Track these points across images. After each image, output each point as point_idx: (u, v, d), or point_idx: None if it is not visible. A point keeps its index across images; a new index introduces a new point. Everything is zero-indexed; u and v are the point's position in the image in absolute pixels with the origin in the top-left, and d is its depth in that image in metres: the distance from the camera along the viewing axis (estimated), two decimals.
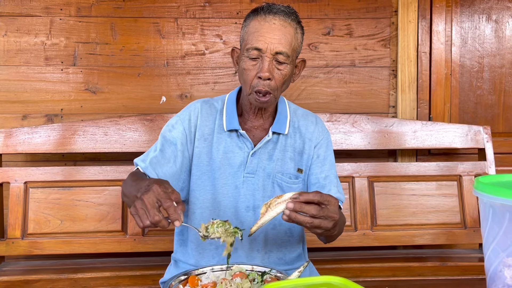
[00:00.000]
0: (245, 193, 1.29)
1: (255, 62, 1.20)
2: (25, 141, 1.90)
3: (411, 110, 2.17)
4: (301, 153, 1.34)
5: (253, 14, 1.23)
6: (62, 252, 1.86)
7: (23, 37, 2.06)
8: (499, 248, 0.74)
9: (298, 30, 1.24)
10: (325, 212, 1.00)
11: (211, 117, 1.33)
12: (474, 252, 2.02)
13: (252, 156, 1.29)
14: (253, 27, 1.21)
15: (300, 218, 0.98)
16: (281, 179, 1.31)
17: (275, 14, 1.20)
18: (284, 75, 1.22)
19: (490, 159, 2.02)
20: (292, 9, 1.24)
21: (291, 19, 1.22)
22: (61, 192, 1.88)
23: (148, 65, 2.12)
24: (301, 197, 0.99)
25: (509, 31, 2.25)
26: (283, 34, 1.19)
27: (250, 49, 1.20)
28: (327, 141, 1.38)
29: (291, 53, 1.21)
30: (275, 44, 1.18)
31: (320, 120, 1.41)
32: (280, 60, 1.20)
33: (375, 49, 2.18)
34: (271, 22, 1.20)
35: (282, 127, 1.32)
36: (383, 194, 1.99)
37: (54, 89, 2.08)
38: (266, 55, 1.19)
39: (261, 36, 1.19)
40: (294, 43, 1.23)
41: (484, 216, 0.78)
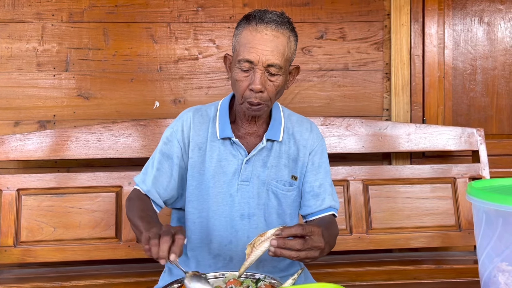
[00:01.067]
0: (239, 201, 1.28)
1: (247, 74, 1.19)
2: (17, 148, 1.88)
3: (405, 113, 2.18)
4: (295, 160, 1.33)
5: (245, 22, 1.20)
6: (55, 259, 1.84)
7: (14, 43, 2.05)
8: (493, 253, 0.74)
9: (291, 39, 1.22)
10: (310, 243, 1.00)
11: (204, 125, 1.31)
12: (469, 255, 2.02)
13: (246, 164, 1.28)
14: (245, 37, 1.18)
15: (286, 253, 0.99)
16: (275, 186, 1.31)
17: (267, 24, 1.16)
18: (277, 86, 1.21)
19: (484, 161, 2.03)
20: (285, 18, 1.21)
21: (283, 28, 1.18)
22: (54, 199, 1.87)
23: (141, 70, 2.11)
24: (283, 233, 0.99)
25: (501, 33, 2.26)
26: (275, 46, 1.17)
27: (242, 61, 1.18)
28: (322, 148, 1.37)
29: (283, 64, 1.19)
30: (267, 56, 1.16)
31: (315, 126, 1.40)
32: (272, 72, 1.18)
33: (368, 53, 2.19)
34: (262, 33, 1.16)
35: (276, 134, 1.31)
36: (378, 198, 1.99)
37: (46, 95, 2.07)
38: (258, 67, 1.17)
39: (253, 48, 1.16)
40: (287, 52, 1.20)
41: (477, 222, 0.78)
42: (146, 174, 1.29)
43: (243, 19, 1.22)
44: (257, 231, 1.28)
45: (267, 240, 0.98)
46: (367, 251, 2.01)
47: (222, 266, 1.27)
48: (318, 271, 1.76)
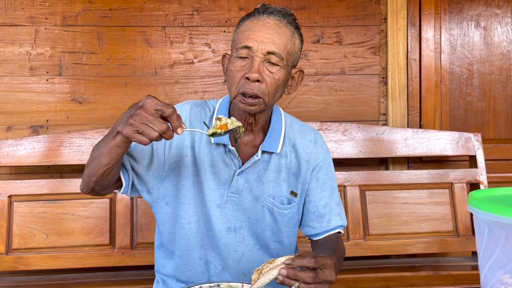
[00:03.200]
0: (226, 214, 1.18)
1: (244, 63, 1.09)
2: (9, 154, 1.85)
3: (402, 117, 2.16)
4: (296, 175, 1.21)
5: (247, 15, 1.14)
6: (48, 267, 1.81)
7: (7, 47, 2.02)
8: (496, 266, 0.72)
9: (295, 35, 1.13)
10: (321, 277, 0.94)
11: (200, 122, 1.20)
12: (467, 260, 2.01)
13: (239, 175, 1.17)
14: (245, 26, 1.11)
15: (294, 285, 0.93)
16: (271, 203, 1.20)
17: (270, 13, 1.10)
18: (277, 79, 1.09)
19: (481, 166, 2.01)
20: (289, 12, 1.14)
21: (287, 21, 1.11)
22: (47, 205, 1.84)
23: (136, 74, 2.08)
24: (294, 263, 0.92)
25: (497, 38, 2.26)
26: (277, 34, 1.08)
27: (240, 48, 1.09)
28: (328, 162, 1.25)
29: (285, 56, 1.09)
30: (267, 43, 1.07)
31: (319, 137, 1.27)
32: (272, 61, 1.08)
33: (365, 57, 2.17)
34: (264, 21, 1.09)
35: (274, 145, 1.18)
36: (375, 203, 1.97)
37: (39, 100, 2.04)
38: (257, 54, 1.07)
39: (252, 33, 1.08)
40: (290, 46, 1.11)
41: (479, 233, 0.76)
42: None
43: (246, 14, 1.16)
44: (243, 245, 1.20)
45: (276, 268, 0.93)
46: (364, 257, 1.99)
47: (214, 275, 1.21)
48: None
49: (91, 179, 1.04)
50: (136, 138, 0.89)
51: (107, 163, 0.99)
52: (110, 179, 1.05)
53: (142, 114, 0.88)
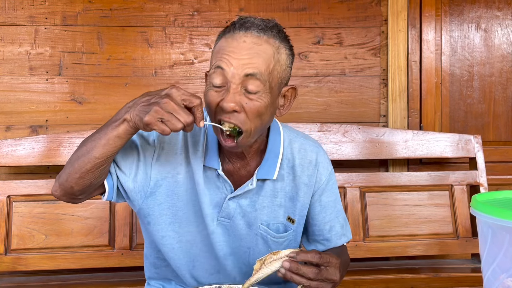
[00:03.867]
0: (219, 239, 1.09)
1: (219, 89, 0.94)
2: (8, 154, 1.85)
3: (402, 119, 2.16)
4: (293, 199, 1.11)
5: (223, 32, 0.99)
6: (47, 268, 1.80)
7: (7, 46, 2.01)
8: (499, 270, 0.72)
9: (281, 50, 0.97)
10: (324, 274, 0.91)
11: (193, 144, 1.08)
12: (466, 262, 2.01)
13: (230, 200, 1.07)
14: (220, 45, 0.96)
15: (296, 279, 0.90)
16: (265, 231, 1.10)
17: (247, 29, 0.94)
18: (258, 107, 0.94)
19: (481, 168, 2.01)
20: (272, 23, 0.97)
21: (268, 36, 0.95)
22: (46, 206, 1.83)
23: (136, 74, 2.08)
24: (298, 257, 0.90)
25: (498, 40, 2.26)
26: (255, 53, 0.92)
27: (212, 73, 0.94)
28: (331, 184, 1.15)
29: (267, 78, 0.93)
30: (243, 66, 0.91)
31: (322, 156, 1.14)
32: (251, 88, 0.92)
33: (365, 58, 2.17)
34: (240, 40, 0.93)
35: (270, 171, 1.07)
36: (375, 205, 1.97)
37: (38, 100, 2.03)
38: (232, 80, 0.92)
39: (226, 54, 0.93)
40: (274, 65, 0.95)
41: (482, 236, 0.76)
42: None
43: (223, 29, 1.01)
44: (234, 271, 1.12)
45: (279, 260, 0.91)
46: (364, 259, 1.99)
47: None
48: None
49: (72, 176, 0.93)
50: (158, 127, 0.84)
51: (100, 156, 0.91)
52: (95, 178, 0.95)
53: (169, 103, 0.83)
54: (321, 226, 1.16)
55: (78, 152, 0.95)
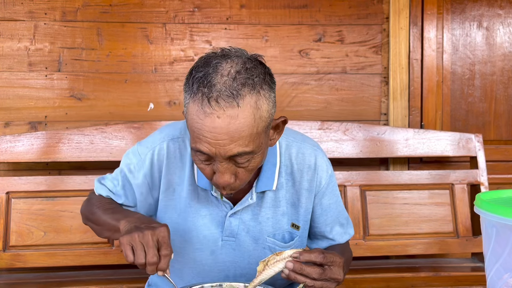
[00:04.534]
0: (224, 260, 1.07)
1: (208, 163, 0.92)
2: (7, 150, 1.84)
3: (403, 117, 2.15)
4: (295, 206, 1.10)
5: (190, 90, 0.87)
6: (45, 265, 1.79)
7: (5, 42, 2.00)
8: (503, 270, 0.71)
9: (260, 102, 0.87)
10: (328, 274, 0.90)
11: (181, 162, 1.06)
12: (466, 262, 2.00)
13: (231, 217, 1.05)
14: (192, 118, 0.87)
15: (300, 279, 0.89)
16: (273, 243, 1.08)
17: (216, 102, 0.83)
18: (252, 168, 0.92)
19: (482, 167, 2.01)
20: (242, 76, 0.85)
21: (241, 98, 0.84)
22: (45, 202, 1.82)
23: (136, 71, 2.07)
24: (302, 257, 0.89)
25: (499, 38, 2.25)
26: (235, 131, 0.85)
27: (195, 150, 0.90)
28: (332, 186, 1.14)
29: (255, 146, 0.89)
30: (226, 148, 0.86)
31: (320, 158, 1.11)
32: (239, 161, 0.89)
33: (367, 56, 2.16)
34: (213, 117, 0.84)
35: (269, 182, 1.05)
36: (375, 203, 1.96)
37: (38, 96, 2.02)
38: (218, 159, 0.88)
39: (204, 137, 0.86)
40: (258, 125, 0.87)
41: (486, 235, 0.75)
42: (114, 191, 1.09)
43: (188, 79, 0.89)
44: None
45: (282, 260, 0.90)
46: (364, 257, 1.98)
47: None
48: None
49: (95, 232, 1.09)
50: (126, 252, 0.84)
51: (108, 236, 1.04)
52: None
53: (147, 236, 0.84)
54: (323, 228, 1.16)
55: (91, 217, 1.08)
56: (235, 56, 0.88)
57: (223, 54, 0.89)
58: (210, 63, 0.87)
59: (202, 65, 0.88)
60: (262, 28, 2.11)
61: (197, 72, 0.87)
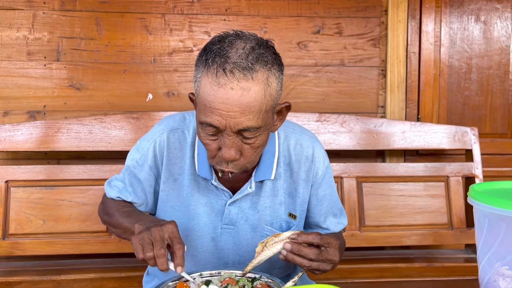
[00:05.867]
0: (223, 247, 1.11)
1: (214, 138, 0.94)
2: (6, 139, 1.84)
3: (400, 110, 2.17)
4: (292, 196, 1.13)
5: (203, 64, 0.91)
6: (44, 253, 1.81)
7: (4, 31, 1.99)
8: (494, 259, 0.73)
9: (270, 79, 0.91)
10: (324, 255, 0.94)
11: (181, 152, 1.09)
12: (460, 253, 2.03)
13: (231, 206, 1.09)
14: (205, 91, 0.89)
15: (298, 260, 0.92)
16: (270, 231, 1.11)
17: (231, 73, 0.86)
18: (257, 147, 0.94)
19: (477, 160, 2.03)
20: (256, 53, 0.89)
21: (255, 71, 0.88)
22: (44, 191, 1.83)
23: (134, 61, 2.07)
24: (299, 238, 0.92)
25: (497, 33, 2.26)
26: (246, 104, 0.87)
27: (204, 124, 0.91)
28: (328, 177, 1.16)
29: (262, 122, 0.91)
30: (235, 120, 0.88)
31: (318, 149, 1.14)
32: (247, 136, 0.92)
33: (365, 49, 2.17)
34: (227, 88, 0.86)
35: (268, 172, 1.07)
36: (371, 195, 1.99)
37: (36, 85, 2.02)
38: (227, 132, 0.90)
39: (216, 110, 0.88)
40: (267, 103, 0.90)
41: (479, 225, 0.77)
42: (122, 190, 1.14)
43: (202, 55, 0.92)
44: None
45: (280, 242, 0.93)
46: (360, 248, 2.01)
47: None
48: None
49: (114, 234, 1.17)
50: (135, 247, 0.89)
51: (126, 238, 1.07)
52: None
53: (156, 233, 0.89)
54: (317, 218, 1.19)
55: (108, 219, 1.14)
56: (248, 36, 0.93)
57: (236, 34, 0.93)
58: (225, 39, 0.91)
59: (217, 41, 0.91)
60: (261, 20, 2.12)
61: (212, 45, 0.91)
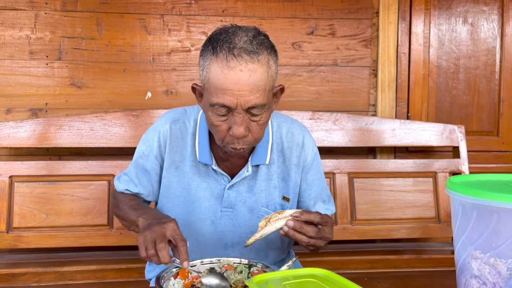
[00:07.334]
0: (222, 229, 1.19)
1: (225, 118, 1.03)
2: (10, 135, 1.90)
3: (390, 109, 2.25)
4: (286, 180, 1.22)
5: (211, 52, 1.00)
6: (47, 246, 1.87)
7: (7, 30, 2.05)
8: (468, 242, 0.81)
9: (270, 62, 1.02)
10: (322, 233, 1.02)
11: (182, 141, 1.19)
12: (447, 245, 2.11)
13: (229, 190, 1.18)
14: (215, 76, 0.99)
15: (298, 236, 1.00)
16: (266, 212, 1.19)
17: (238, 56, 0.97)
18: (263, 124, 1.05)
19: (464, 157, 2.12)
20: (259, 40, 1.00)
21: (259, 55, 0.99)
22: (47, 186, 1.89)
23: (134, 61, 2.13)
24: (302, 216, 0.99)
25: (483, 34, 2.35)
26: (254, 84, 0.98)
27: (217, 105, 1.00)
28: (316, 163, 1.26)
29: (267, 99, 1.02)
30: (246, 99, 0.98)
31: (308, 137, 1.25)
32: (255, 113, 1.02)
33: (357, 49, 2.25)
34: (236, 70, 0.97)
35: (263, 157, 1.17)
36: (362, 190, 2.06)
37: (38, 84, 2.08)
38: (237, 111, 1.00)
39: (228, 90, 0.98)
40: (269, 83, 1.02)
41: (454, 213, 0.85)
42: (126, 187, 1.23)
43: (207, 45, 1.03)
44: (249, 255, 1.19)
45: (283, 218, 1.00)
46: (351, 241, 2.09)
47: None
48: (305, 259, 1.83)
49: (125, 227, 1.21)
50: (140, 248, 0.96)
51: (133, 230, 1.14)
52: None
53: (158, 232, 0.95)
54: (307, 202, 1.27)
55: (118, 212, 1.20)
56: (248, 27, 1.04)
57: (236, 26, 1.04)
58: (228, 30, 1.02)
59: (222, 32, 1.02)
60: (256, 21, 2.19)
61: (218, 36, 1.01)
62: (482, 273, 0.79)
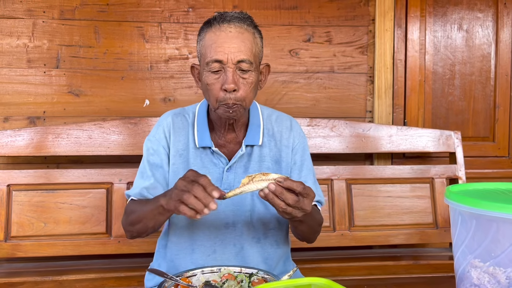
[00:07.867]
0: (223, 210, 1.26)
1: (217, 75, 1.17)
2: (7, 144, 1.90)
3: (387, 115, 2.27)
4: (278, 162, 1.31)
5: (206, 26, 1.20)
6: (46, 254, 1.87)
7: (5, 39, 2.05)
8: (467, 251, 0.82)
9: (256, 35, 1.21)
10: (301, 204, 1.02)
11: (183, 131, 1.31)
12: (445, 251, 2.13)
13: (228, 172, 1.27)
14: (209, 39, 1.17)
15: (276, 201, 1.01)
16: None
17: (229, 22, 1.16)
18: (251, 83, 1.19)
19: (460, 163, 2.13)
20: (246, 14, 1.21)
21: (247, 25, 1.18)
22: (45, 195, 1.89)
23: (132, 68, 2.14)
24: (285, 182, 1.00)
25: (478, 40, 2.37)
26: (241, 41, 1.16)
27: (210, 62, 1.16)
28: (303, 145, 1.36)
29: (253, 59, 1.18)
30: (235, 53, 1.15)
31: (295, 123, 1.38)
32: (243, 69, 1.16)
33: (353, 56, 2.27)
34: (227, 31, 1.16)
35: (256, 138, 1.29)
36: (360, 196, 2.07)
37: (36, 92, 2.08)
38: (228, 65, 1.15)
39: (219, 47, 1.15)
40: (255, 48, 1.19)
41: (454, 222, 0.86)
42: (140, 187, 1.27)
43: (204, 24, 1.22)
44: (242, 238, 1.27)
45: (266, 181, 1.00)
46: (349, 247, 2.10)
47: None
48: (303, 266, 1.84)
49: (141, 235, 1.22)
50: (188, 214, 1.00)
51: (153, 226, 1.16)
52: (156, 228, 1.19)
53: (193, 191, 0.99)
54: None
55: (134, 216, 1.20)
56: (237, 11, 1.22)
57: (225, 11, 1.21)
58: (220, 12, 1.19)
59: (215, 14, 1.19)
60: None
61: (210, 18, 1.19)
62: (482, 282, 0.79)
